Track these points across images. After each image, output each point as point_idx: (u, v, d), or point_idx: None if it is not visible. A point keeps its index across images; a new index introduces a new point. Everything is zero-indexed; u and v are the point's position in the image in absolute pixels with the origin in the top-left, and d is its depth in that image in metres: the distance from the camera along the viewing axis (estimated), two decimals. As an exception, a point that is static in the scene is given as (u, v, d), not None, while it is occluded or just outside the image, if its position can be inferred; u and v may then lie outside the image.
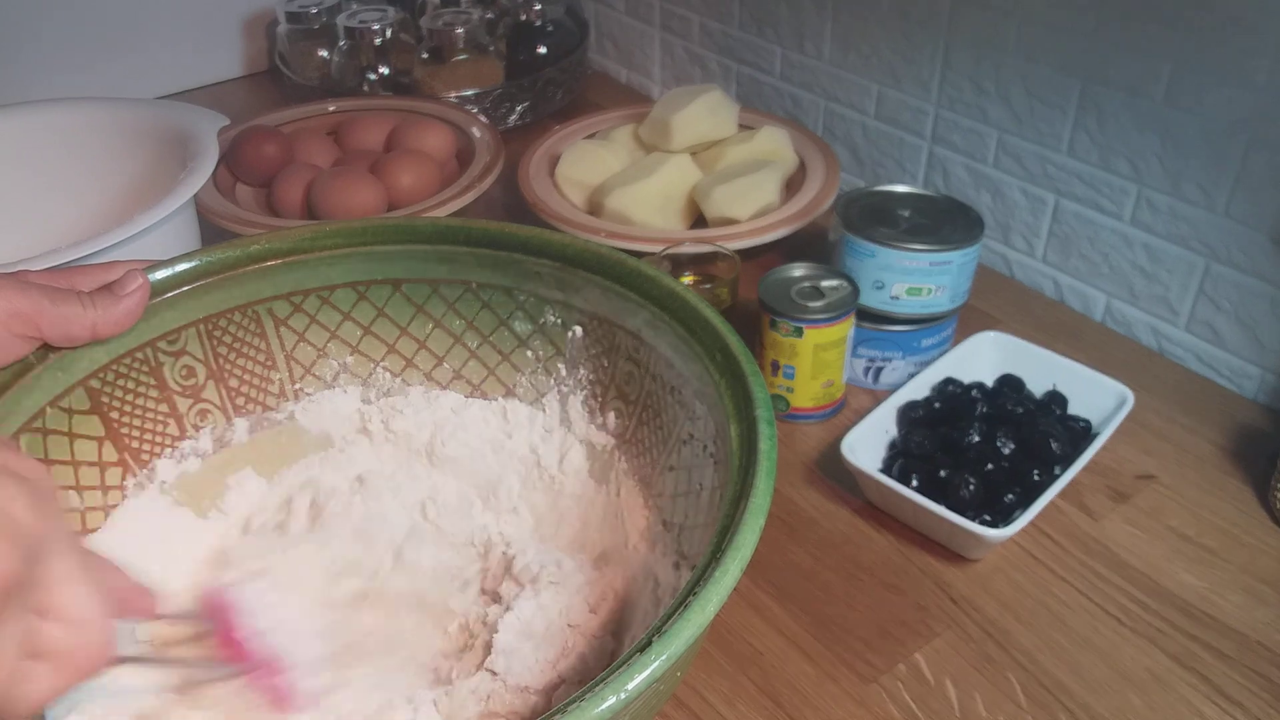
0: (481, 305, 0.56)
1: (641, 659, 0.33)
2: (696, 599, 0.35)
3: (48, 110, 0.83)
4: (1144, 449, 0.69)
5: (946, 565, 0.61)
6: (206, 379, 0.55)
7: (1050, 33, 0.77)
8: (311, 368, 0.58)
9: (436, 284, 0.56)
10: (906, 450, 0.65)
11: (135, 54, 1.14)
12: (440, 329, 0.57)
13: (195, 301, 0.54)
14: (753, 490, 0.39)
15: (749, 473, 0.40)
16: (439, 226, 0.56)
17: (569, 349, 0.55)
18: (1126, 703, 0.53)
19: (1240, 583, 0.59)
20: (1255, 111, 0.68)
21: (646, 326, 0.51)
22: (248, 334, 0.56)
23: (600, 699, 0.32)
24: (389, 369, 0.58)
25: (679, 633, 0.34)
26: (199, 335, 0.54)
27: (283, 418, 0.58)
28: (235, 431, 0.57)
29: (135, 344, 0.52)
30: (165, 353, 0.53)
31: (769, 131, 0.92)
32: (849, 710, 0.53)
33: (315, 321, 0.57)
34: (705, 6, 1.07)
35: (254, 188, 0.92)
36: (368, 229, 0.55)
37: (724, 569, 0.36)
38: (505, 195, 0.95)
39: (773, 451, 0.40)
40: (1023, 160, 0.83)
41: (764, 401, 0.42)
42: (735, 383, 0.44)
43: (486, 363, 0.58)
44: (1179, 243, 0.75)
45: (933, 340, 0.73)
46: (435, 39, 1.07)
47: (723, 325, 0.47)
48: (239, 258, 0.54)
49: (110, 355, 0.51)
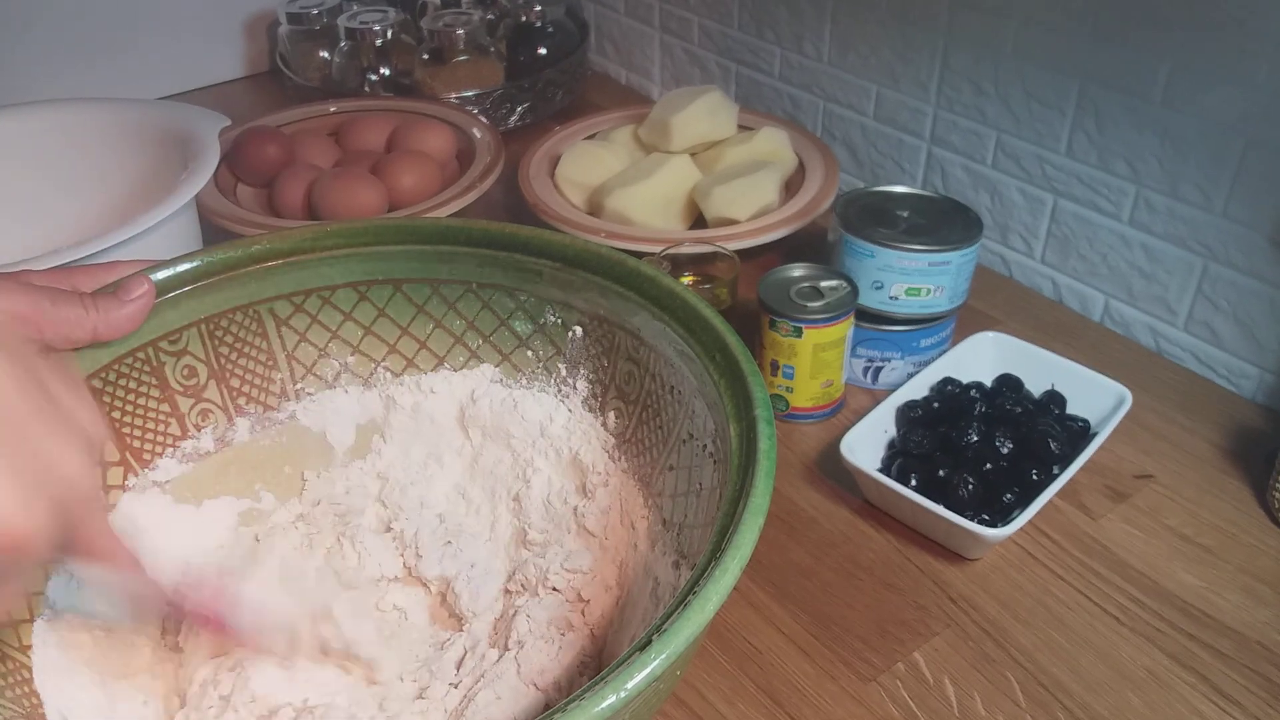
0: (482, 305, 0.56)
1: (641, 658, 0.33)
2: (696, 598, 0.35)
3: (49, 110, 0.83)
4: (1142, 449, 0.69)
5: (945, 565, 0.61)
6: (208, 379, 0.55)
7: (1048, 33, 0.77)
8: (313, 367, 0.58)
9: (437, 284, 0.56)
10: (905, 450, 0.65)
11: (137, 54, 1.14)
12: (441, 329, 0.57)
13: (197, 301, 0.54)
14: (752, 490, 0.39)
15: (748, 472, 0.40)
16: (440, 227, 0.56)
17: (569, 349, 0.56)
18: (1125, 701, 0.53)
19: (1238, 582, 0.60)
20: (1253, 112, 0.68)
21: (646, 326, 0.51)
22: (249, 334, 0.56)
23: (600, 698, 0.32)
24: (390, 369, 0.58)
25: (679, 631, 0.34)
26: (201, 335, 0.54)
27: (284, 417, 0.58)
28: (237, 431, 0.57)
29: (137, 344, 0.52)
30: (167, 352, 0.53)
31: (768, 132, 0.92)
32: (848, 709, 0.53)
33: (316, 321, 0.57)
34: (705, 8, 1.07)
35: (255, 188, 0.93)
36: (368, 229, 0.56)
37: (723, 568, 0.36)
38: (506, 196, 0.95)
39: (772, 451, 0.41)
40: (1021, 161, 0.83)
41: (764, 401, 0.42)
42: (735, 383, 0.44)
43: (488, 362, 0.58)
44: (1177, 243, 0.75)
45: (931, 340, 0.73)
46: (436, 40, 1.07)
47: (722, 325, 0.47)
48: (240, 258, 0.54)
49: (112, 355, 0.51)
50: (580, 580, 0.51)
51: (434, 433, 0.59)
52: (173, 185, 0.70)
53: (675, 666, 0.34)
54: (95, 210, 0.81)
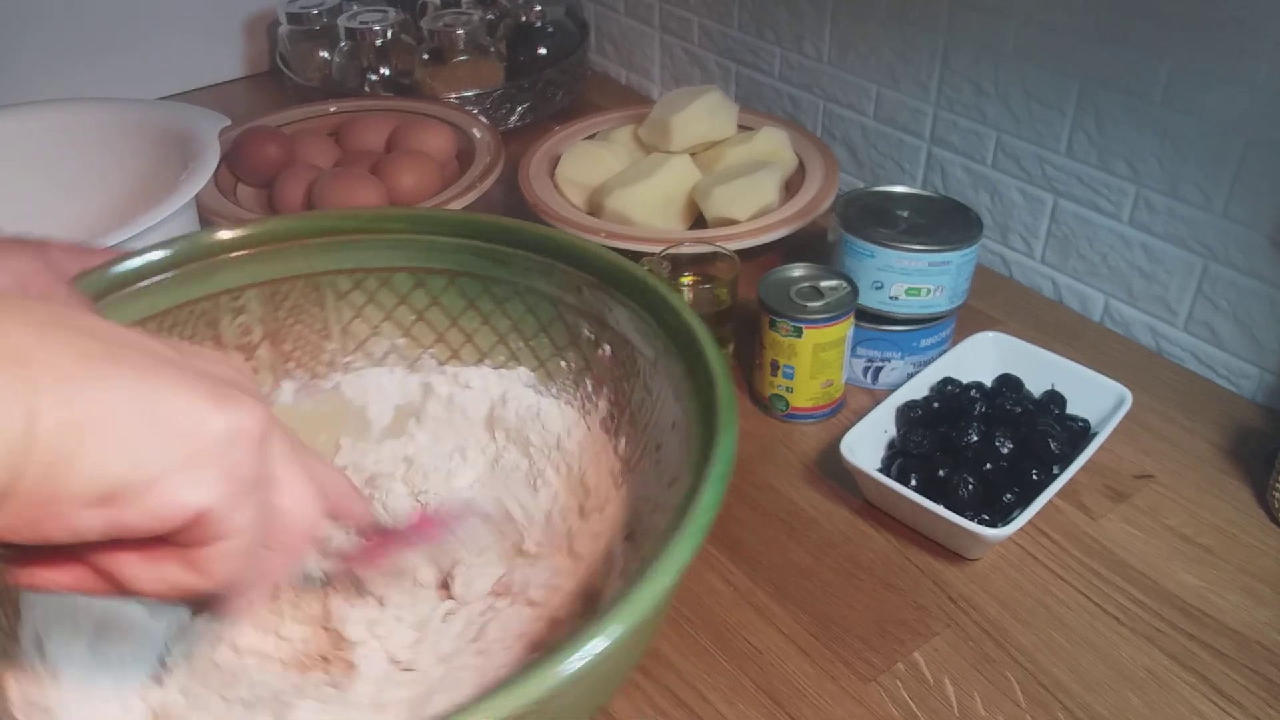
0: (526, 309, 0.57)
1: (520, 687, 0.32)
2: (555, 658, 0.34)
3: (50, 110, 0.83)
4: (1142, 449, 0.69)
5: (945, 564, 0.61)
6: (262, 338, 0.58)
7: (1048, 33, 0.77)
8: (364, 344, 0.60)
9: (489, 282, 0.57)
10: (905, 450, 0.65)
11: (137, 54, 1.15)
12: (488, 326, 0.59)
13: (259, 265, 0.56)
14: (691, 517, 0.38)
15: (685, 513, 0.39)
16: (498, 226, 0.57)
17: (597, 366, 0.56)
18: (1125, 701, 0.53)
19: (1238, 582, 0.60)
20: (1253, 112, 0.68)
21: (660, 357, 0.50)
22: (308, 302, 0.58)
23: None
24: (435, 356, 0.60)
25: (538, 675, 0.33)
26: (261, 296, 0.57)
27: (329, 387, 0.60)
28: (281, 393, 0.59)
29: (199, 295, 0.55)
30: (226, 307, 0.56)
31: (768, 132, 0.92)
32: (848, 709, 0.53)
33: (374, 300, 0.59)
34: (705, 8, 1.07)
35: (255, 188, 0.93)
36: (430, 218, 0.57)
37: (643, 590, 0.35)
38: (506, 196, 0.95)
39: (710, 511, 0.39)
40: (1021, 161, 0.83)
41: (724, 458, 0.41)
42: (705, 438, 0.42)
43: (526, 365, 0.59)
44: (1177, 243, 0.75)
45: (931, 340, 0.73)
46: (436, 40, 1.07)
47: (716, 364, 0.45)
48: (302, 229, 0.57)
49: (172, 302, 0.54)
50: (559, 600, 0.51)
51: (465, 426, 0.60)
52: (173, 185, 0.70)
53: (620, 651, 0.34)
54: (95, 210, 0.81)
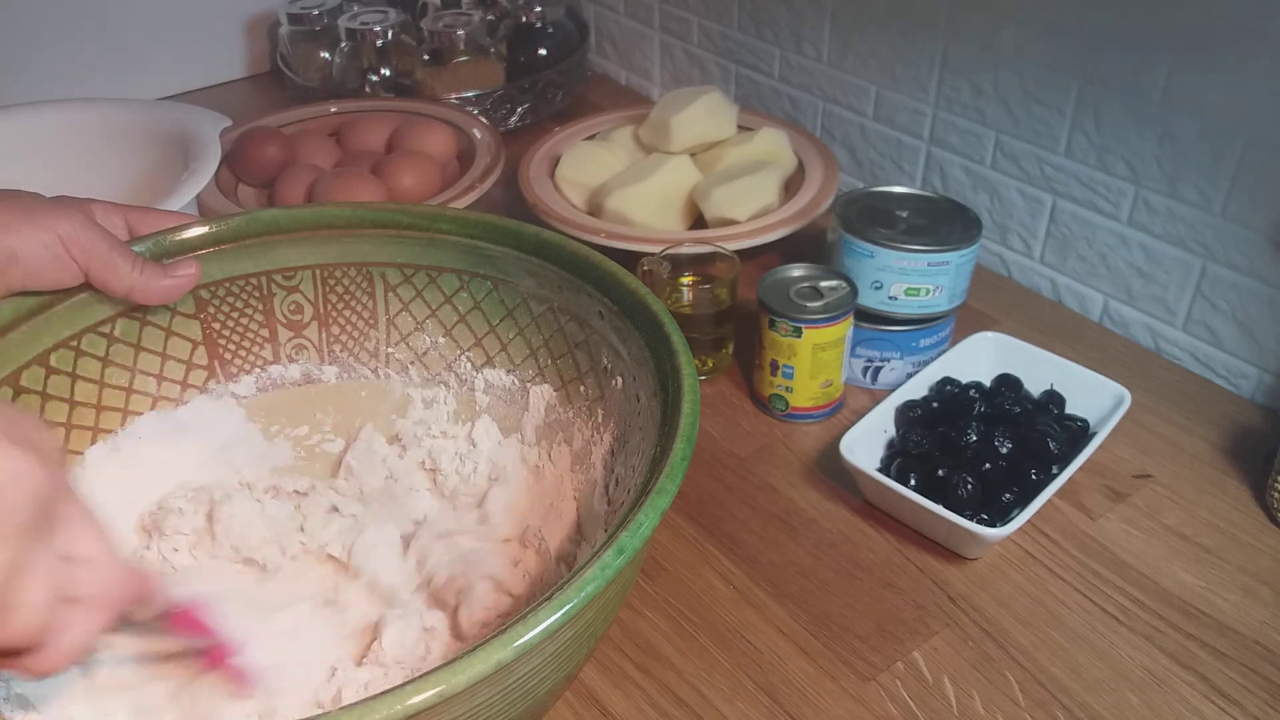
0: (557, 328, 0.57)
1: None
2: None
3: (51, 110, 0.84)
4: (1141, 448, 0.69)
5: (945, 564, 0.61)
6: (312, 319, 0.61)
7: (1047, 34, 0.77)
8: (407, 337, 0.62)
9: (527, 296, 0.58)
10: (905, 450, 0.65)
11: (138, 55, 1.15)
12: (522, 338, 0.59)
13: (313, 249, 0.59)
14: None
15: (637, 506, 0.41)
16: (539, 239, 0.56)
17: (609, 398, 0.55)
18: (1124, 701, 0.53)
19: (1237, 581, 0.60)
20: (1252, 113, 0.68)
21: (652, 397, 0.50)
22: (359, 290, 0.60)
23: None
24: (472, 360, 0.61)
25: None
26: (315, 278, 0.60)
27: (369, 373, 0.62)
28: (324, 374, 0.62)
29: (253, 270, 0.58)
30: (280, 285, 0.59)
31: (768, 133, 0.92)
32: (847, 708, 0.54)
33: (421, 296, 0.61)
34: (704, 8, 1.07)
35: (256, 188, 0.93)
36: (479, 223, 0.58)
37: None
38: (506, 196, 0.95)
39: (640, 540, 0.40)
40: (1020, 161, 0.83)
41: (665, 490, 0.42)
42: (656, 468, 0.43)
43: (551, 383, 0.59)
44: (1176, 243, 0.75)
45: (931, 340, 0.73)
46: (436, 41, 1.07)
47: (686, 421, 0.44)
48: (354, 218, 0.59)
49: (225, 274, 0.58)
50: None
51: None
52: (173, 185, 0.70)
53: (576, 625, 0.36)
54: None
